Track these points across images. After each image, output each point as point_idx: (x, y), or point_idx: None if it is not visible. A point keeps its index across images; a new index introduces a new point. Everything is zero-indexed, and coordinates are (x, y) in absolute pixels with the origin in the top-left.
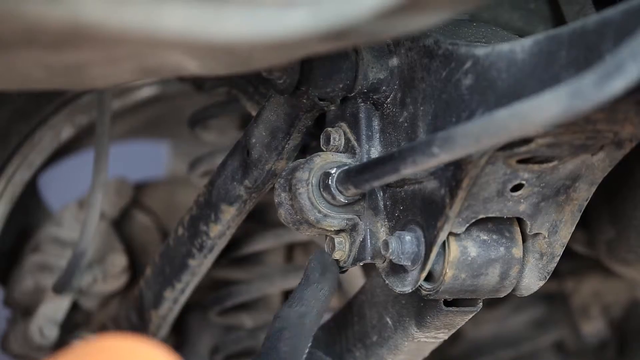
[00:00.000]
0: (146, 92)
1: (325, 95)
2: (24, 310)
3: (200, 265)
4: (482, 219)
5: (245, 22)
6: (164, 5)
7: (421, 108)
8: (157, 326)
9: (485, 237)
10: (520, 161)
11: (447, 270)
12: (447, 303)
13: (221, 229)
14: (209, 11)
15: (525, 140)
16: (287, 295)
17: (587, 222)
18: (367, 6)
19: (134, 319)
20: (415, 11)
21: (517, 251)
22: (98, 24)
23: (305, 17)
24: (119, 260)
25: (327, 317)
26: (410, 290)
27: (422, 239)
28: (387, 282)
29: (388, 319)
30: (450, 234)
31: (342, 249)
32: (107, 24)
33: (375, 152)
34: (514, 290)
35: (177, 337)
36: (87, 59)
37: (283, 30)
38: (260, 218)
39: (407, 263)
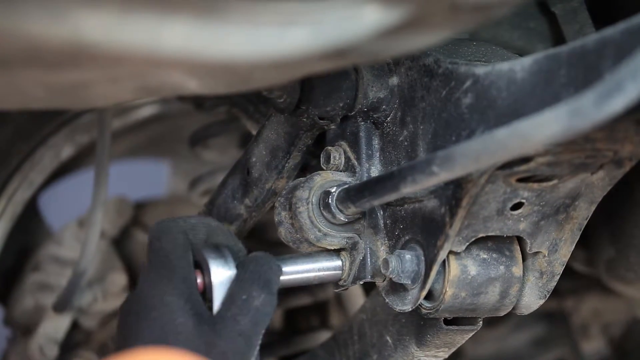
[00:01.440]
0: (147, 111)
1: (325, 114)
2: (24, 329)
3: None
4: (482, 237)
5: (245, 41)
6: (164, 25)
7: (421, 127)
8: None
9: (485, 256)
10: (520, 180)
11: (447, 289)
12: (447, 322)
13: None
14: (209, 30)
15: (525, 159)
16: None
17: (587, 241)
18: (367, 25)
19: None
20: (414, 30)
21: (517, 270)
22: (99, 44)
23: (306, 36)
24: (119, 279)
25: (327, 335)
26: (411, 309)
27: (422, 258)
28: (387, 300)
29: (388, 338)
30: (450, 252)
31: (342, 267)
32: (108, 44)
33: (375, 170)
34: (514, 308)
35: None
36: (87, 78)
37: (283, 49)
38: (260, 236)
39: (407, 282)
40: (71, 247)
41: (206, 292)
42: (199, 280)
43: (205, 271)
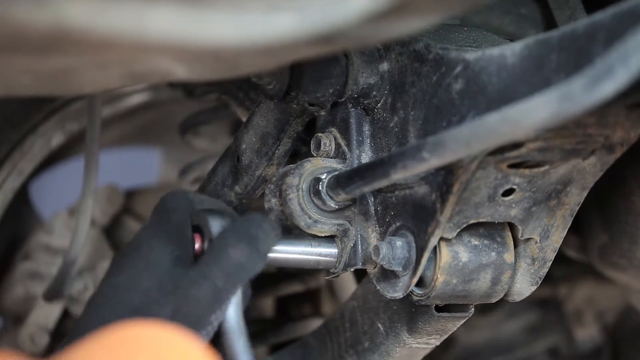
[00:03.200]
0: (137, 99)
1: (315, 100)
2: (15, 318)
3: None
4: (473, 224)
5: (232, 27)
6: (150, 10)
7: (412, 113)
8: None
9: (476, 242)
10: (511, 166)
11: (439, 276)
12: (439, 308)
13: None
14: (195, 16)
15: (516, 145)
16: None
17: (579, 228)
18: (354, 10)
19: None
20: (403, 15)
21: (509, 256)
22: (84, 29)
23: (293, 21)
24: None
25: (319, 323)
26: (402, 296)
27: (413, 244)
28: (378, 287)
29: (380, 325)
30: (442, 239)
31: (338, 254)
32: (93, 29)
33: (366, 157)
34: (506, 295)
35: None
36: (74, 64)
37: (270, 34)
38: None
39: (398, 268)
40: (62, 236)
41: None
42: (197, 244)
43: (204, 229)
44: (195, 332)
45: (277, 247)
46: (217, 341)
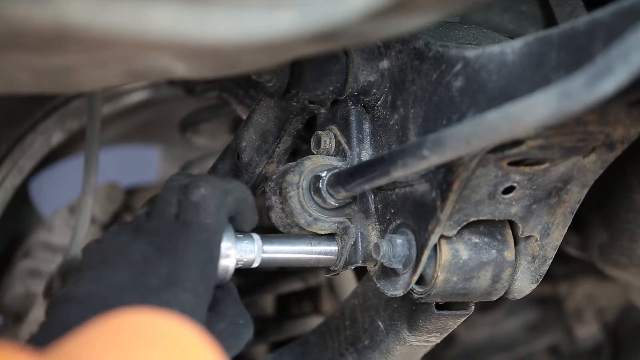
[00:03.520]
0: (137, 97)
1: (315, 98)
2: (15, 316)
3: None
4: (473, 221)
5: (232, 24)
6: (150, 7)
7: (412, 110)
8: None
9: (476, 240)
10: (512, 163)
11: (439, 274)
12: (439, 306)
13: None
14: (196, 13)
15: (516, 142)
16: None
17: (580, 225)
18: (355, 7)
19: None
20: (403, 13)
21: (509, 254)
22: (84, 27)
23: (293, 19)
24: None
25: (319, 321)
26: (402, 294)
27: (414, 242)
28: (378, 285)
29: (380, 323)
30: (442, 237)
31: (338, 252)
32: (93, 27)
33: (366, 155)
34: (506, 293)
35: None
36: (73, 62)
37: (270, 31)
38: None
39: (398, 266)
40: (62, 234)
41: None
42: None
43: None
44: None
45: (277, 247)
46: None
